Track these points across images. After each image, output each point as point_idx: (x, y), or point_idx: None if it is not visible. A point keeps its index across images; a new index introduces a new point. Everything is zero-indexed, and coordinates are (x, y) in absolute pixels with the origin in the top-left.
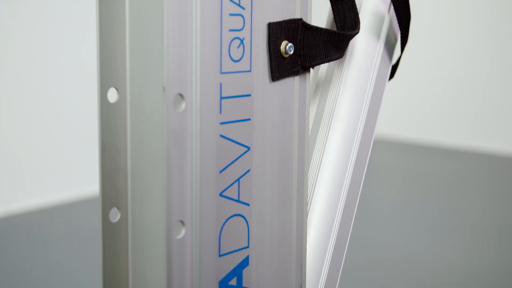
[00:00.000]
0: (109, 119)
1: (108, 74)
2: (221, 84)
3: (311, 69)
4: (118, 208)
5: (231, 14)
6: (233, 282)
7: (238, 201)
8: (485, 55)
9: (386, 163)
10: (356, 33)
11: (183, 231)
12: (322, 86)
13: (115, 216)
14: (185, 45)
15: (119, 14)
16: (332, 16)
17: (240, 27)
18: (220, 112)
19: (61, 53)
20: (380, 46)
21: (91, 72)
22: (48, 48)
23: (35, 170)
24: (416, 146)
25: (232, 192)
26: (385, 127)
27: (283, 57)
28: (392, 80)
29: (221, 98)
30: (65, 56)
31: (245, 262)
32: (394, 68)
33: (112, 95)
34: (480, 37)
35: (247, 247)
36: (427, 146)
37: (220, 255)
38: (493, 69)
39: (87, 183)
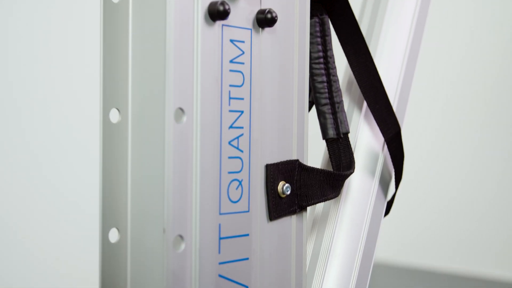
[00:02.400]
0: (110, 259)
1: (110, 215)
2: (220, 225)
3: (307, 208)
4: None
5: (230, 157)
6: None
7: None
8: (485, 181)
9: None
10: (352, 173)
11: None
12: (319, 224)
13: None
14: (185, 187)
15: (122, 162)
16: (327, 155)
17: (238, 169)
18: (219, 252)
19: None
20: (375, 184)
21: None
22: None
23: None
24: (418, 271)
25: None
26: (383, 252)
27: (281, 197)
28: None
29: (220, 238)
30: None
31: None
32: (389, 205)
33: (113, 235)
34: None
35: None
36: (429, 272)
37: None
38: (495, 195)
39: None
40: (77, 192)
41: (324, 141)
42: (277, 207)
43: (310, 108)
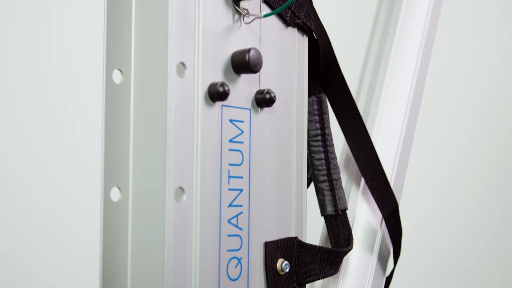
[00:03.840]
0: None
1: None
2: None
3: (306, 285)
4: None
5: (229, 235)
6: None
7: None
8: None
9: None
10: (350, 250)
11: None
12: None
13: None
14: (184, 265)
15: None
16: (326, 232)
17: (237, 247)
18: None
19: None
20: (373, 260)
21: None
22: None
23: None
24: None
25: None
26: None
27: (279, 275)
28: None
29: None
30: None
31: None
32: (388, 280)
33: None
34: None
35: None
36: None
37: None
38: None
39: None
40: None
41: (322, 217)
42: (276, 285)
43: (308, 185)
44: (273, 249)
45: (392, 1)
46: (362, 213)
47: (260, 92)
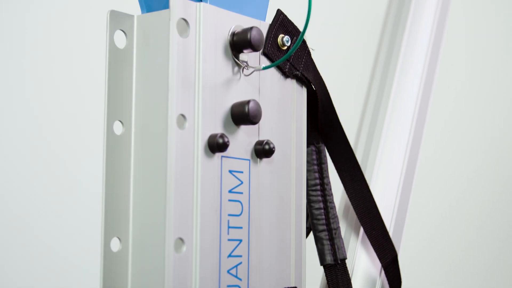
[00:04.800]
0: None
1: None
2: None
3: None
4: None
5: (228, 286)
6: None
7: None
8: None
9: None
10: None
11: None
12: None
13: None
14: None
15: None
16: (325, 281)
17: None
18: None
19: None
20: None
21: None
22: None
23: None
24: None
25: None
26: None
27: None
28: None
29: None
30: None
31: None
32: None
33: None
34: None
35: None
36: None
37: None
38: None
39: None
40: None
41: (321, 266)
42: None
43: (307, 234)
44: None
45: (391, 44)
46: (361, 262)
47: (259, 143)
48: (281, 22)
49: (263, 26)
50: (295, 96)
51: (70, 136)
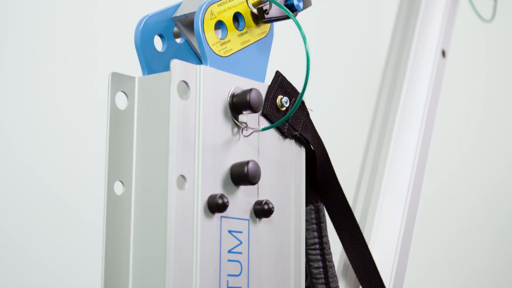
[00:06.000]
0: None
1: None
2: None
3: None
4: None
5: None
6: None
7: None
8: None
9: None
10: None
11: None
12: None
13: None
14: None
15: None
16: None
17: None
18: None
19: None
20: None
21: None
22: None
23: None
24: None
25: None
26: None
27: None
28: None
29: None
30: None
31: None
32: None
33: None
34: None
35: None
36: None
37: None
38: None
39: None
40: None
41: None
42: None
43: None
44: None
45: (386, 115)
46: None
47: (258, 203)
48: (280, 84)
49: (262, 87)
50: (294, 156)
51: (71, 196)
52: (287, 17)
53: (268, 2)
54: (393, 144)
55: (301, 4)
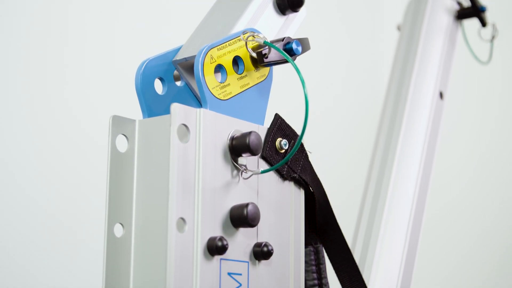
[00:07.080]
0: None
1: None
2: None
3: None
4: None
5: None
6: None
7: None
8: None
9: None
10: None
11: None
12: None
13: None
14: None
15: None
16: None
17: None
18: None
19: None
20: None
21: None
22: None
23: None
24: None
25: None
26: None
27: None
28: None
29: None
30: None
31: None
32: None
33: None
34: None
35: None
36: None
37: None
38: None
39: None
40: None
41: None
42: None
43: None
44: None
45: (385, 157)
46: None
47: (258, 245)
48: (279, 126)
49: (262, 130)
50: (293, 198)
51: (70, 240)
52: (286, 61)
53: (267, 47)
54: (391, 186)
55: (299, 49)
